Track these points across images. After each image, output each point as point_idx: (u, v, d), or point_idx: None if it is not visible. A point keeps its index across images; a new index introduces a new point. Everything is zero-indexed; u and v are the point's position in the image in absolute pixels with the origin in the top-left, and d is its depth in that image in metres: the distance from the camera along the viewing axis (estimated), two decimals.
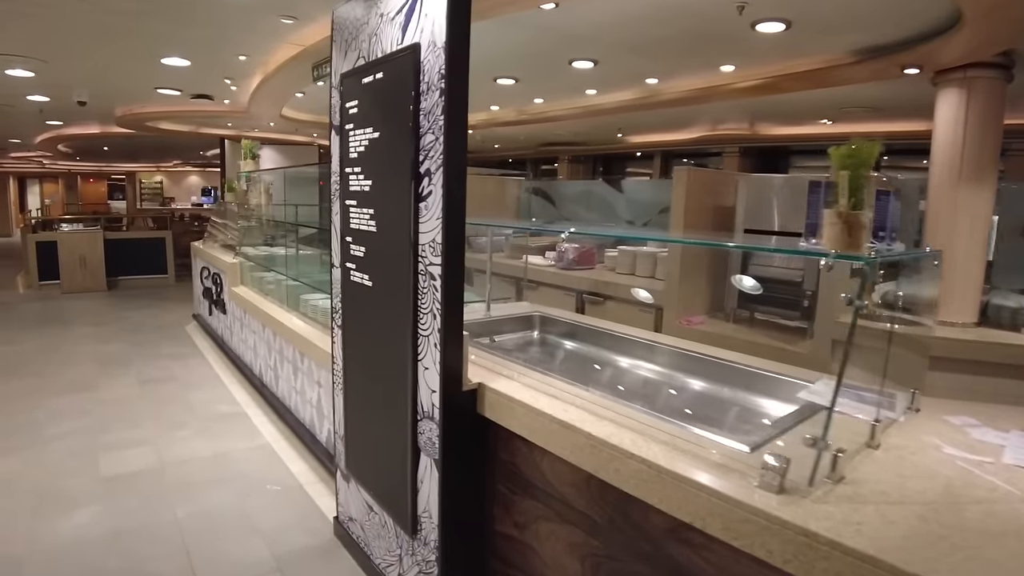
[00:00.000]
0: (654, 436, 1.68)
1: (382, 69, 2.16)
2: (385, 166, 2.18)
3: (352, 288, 2.49)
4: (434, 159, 1.93)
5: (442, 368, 2.00)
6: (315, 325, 3.91)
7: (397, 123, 2.09)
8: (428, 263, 2.01)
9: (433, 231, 1.97)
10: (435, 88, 1.90)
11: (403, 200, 2.07)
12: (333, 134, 2.59)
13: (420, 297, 2.06)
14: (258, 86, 6.01)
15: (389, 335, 2.25)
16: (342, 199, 2.50)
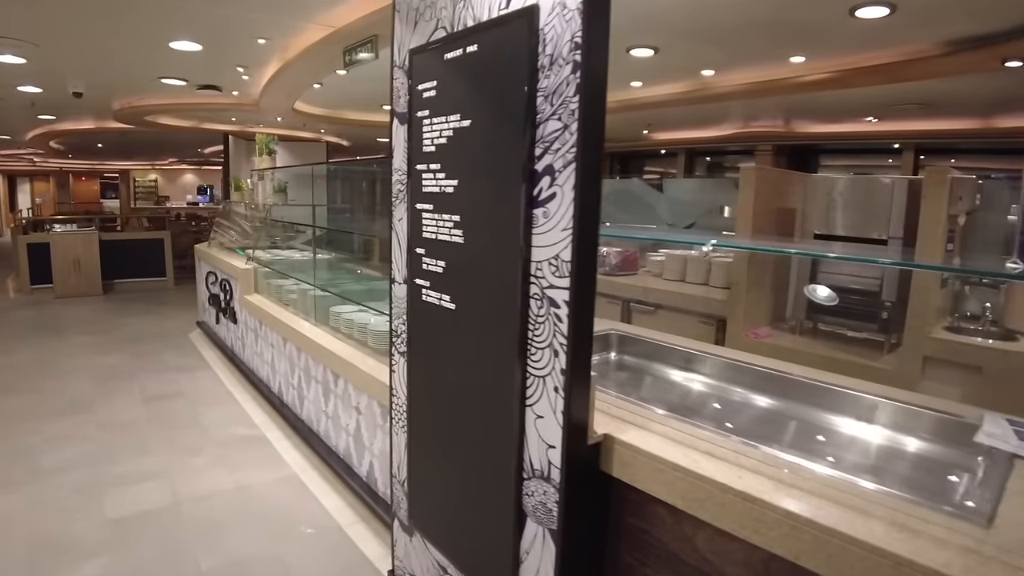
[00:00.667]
0: (866, 510, 1.31)
1: (476, 41, 1.72)
2: (479, 162, 1.76)
3: (424, 310, 2.05)
4: (560, 154, 1.51)
5: (566, 418, 1.58)
6: (350, 342, 3.48)
7: (499, 108, 1.66)
8: (547, 285, 1.59)
9: (555, 245, 1.55)
10: (563, 62, 1.48)
11: (508, 205, 1.65)
12: (396, 124, 2.16)
13: (533, 327, 1.64)
14: (274, 75, 5.55)
15: (481, 372, 1.82)
16: (410, 202, 2.07)
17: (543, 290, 1.59)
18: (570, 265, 1.52)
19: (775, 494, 1.38)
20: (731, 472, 1.48)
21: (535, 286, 1.62)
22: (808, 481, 1.44)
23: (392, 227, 2.23)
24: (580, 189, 1.48)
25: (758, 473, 1.48)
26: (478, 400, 1.85)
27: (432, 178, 1.95)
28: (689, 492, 1.51)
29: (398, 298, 2.24)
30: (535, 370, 1.65)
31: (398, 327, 2.26)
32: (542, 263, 1.59)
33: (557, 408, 1.59)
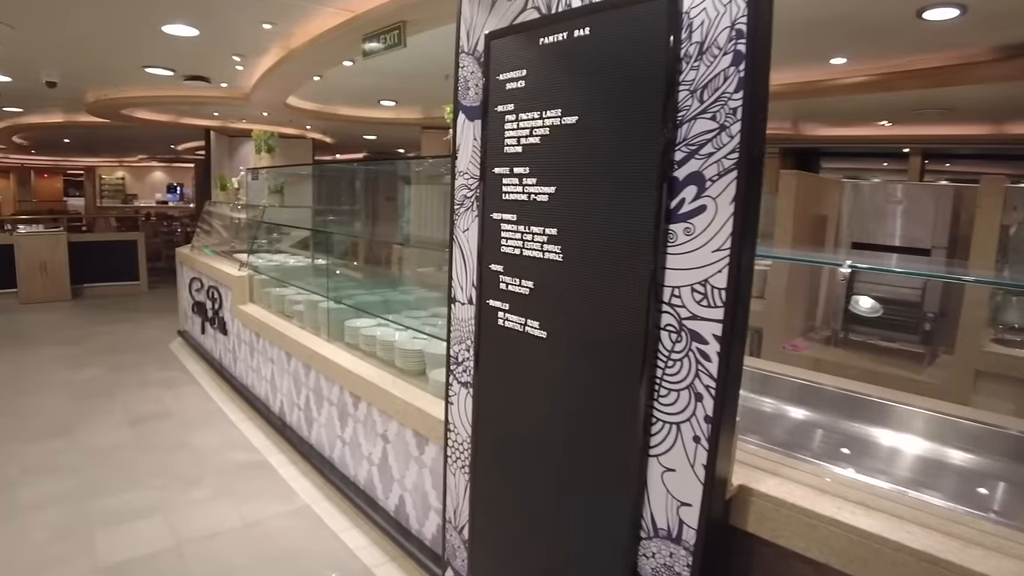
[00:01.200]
0: None
1: (588, 24, 1.44)
2: (588, 166, 1.48)
3: (501, 337, 1.76)
4: (713, 160, 1.26)
5: (709, 473, 1.33)
6: (371, 361, 3.16)
7: (621, 103, 1.39)
8: (687, 316, 1.33)
9: (703, 268, 1.30)
10: (719, 51, 1.23)
11: (632, 218, 1.38)
12: (462, 120, 1.86)
13: (664, 365, 1.38)
14: (274, 66, 5.15)
15: (582, 414, 1.54)
16: (483, 211, 1.78)
17: (681, 321, 1.34)
18: (724, 294, 1.27)
19: (963, 555, 1.20)
20: (898, 527, 1.29)
21: (669, 316, 1.36)
22: (991, 537, 1.25)
23: (454, 239, 1.93)
24: (742, 203, 1.23)
25: (928, 527, 1.29)
26: (577, 447, 1.57)
27: (516, 183, 1.66)
28: (849, 550, 1.31)
29: (460, 320, 1.94)
30: (665, 415, 1.39)
31: (459, 353, 1.96)
32: (681, 289, 1.33)
33: (697, 460, 1.34)
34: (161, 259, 10.53)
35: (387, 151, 14.88)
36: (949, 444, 1.91)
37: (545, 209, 1.59)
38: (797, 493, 1.43)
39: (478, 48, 1.78)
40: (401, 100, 7.52)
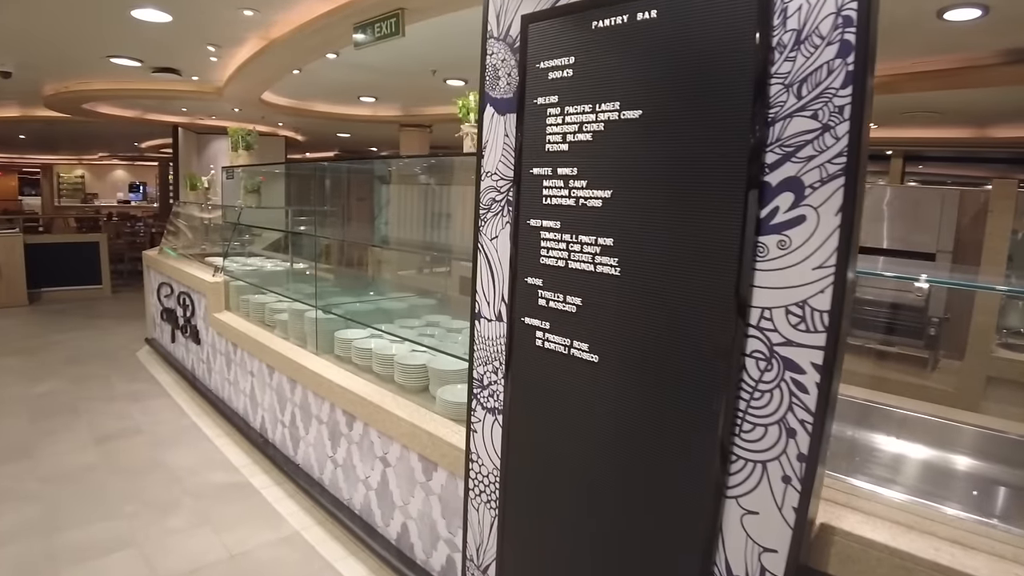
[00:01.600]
0: None
1: (654, 6, 1.27)
2: (654, 167, 1.29)
3: (540, 359, 1.56)
4: (814, 164, 1.10)
5: (799, 515, 1.17)
6: (366, 376, 2.93)
7: (697, 96, 1.22)
8: (779, 341, 1.17)
9: (802, 288, 1.14)
10: (820, 41, 1.08)
11: (712, 228, 1.21)
12: (491, 114, 1.65)
13: (752, 396, 1.21)
14: (252, 57, 4.83)
15: (642, 448, 1.36)
16: (519, 217, 1.57)
17: (771, 347, 1.18)
18: (827, 317, 1.11)
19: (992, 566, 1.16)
20: (1004, 570, 1.17)
21: (757, 341, 1.19)
22: None
23: (479, 247, 1.72)
24: (848, 213, 1.08)
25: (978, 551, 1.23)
26: (632, 485, 1.40)
27: (561, 186, 1.46)
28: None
29: (486, 339, 1.73)
30: (748, 452, 1.23)
31: (485, 376, 1.75)
32: (773, 310, 1.17)
33: (786, 502, 1.18)
34: (125, 261, 10.00)
35: (359, 150, 14.53)
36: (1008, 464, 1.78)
37: (598, 215, 1.40)
38: (884, 531, 1.29)
39: (510, 33, 1.57)
40: (382, 96, 7.24)
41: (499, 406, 1.72)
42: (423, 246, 5.54)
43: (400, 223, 5.76)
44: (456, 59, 5.03)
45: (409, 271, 5.80)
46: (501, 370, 1.70)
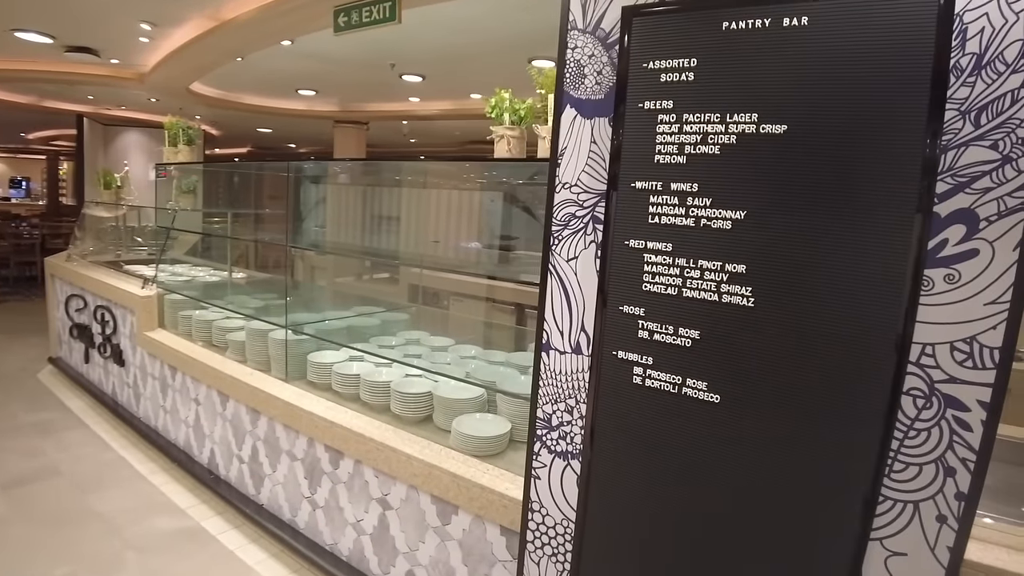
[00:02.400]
0: None
1: (805, 12, 1.14)
2: (803, 188, 1.18)
3: (637, 398, 1.39)
4: (991, 196, 1.06)
5: (953, 556, 1.13)
6: (352, 406, 2.62)
7: (859, 115, 1.14)
8: (942, 378, 1.12)
9: (970, 324, 1.09)
10: (1006, 68, 1.04)
11: (873, 258, 1.15)
12: (571, 116, 1.46)
13: (906, 435, 1.16)
14: (192, 41, 4.29)
15: (772, 498, 1.25)
16: (613, 235, 1.39)
17: (932, 385, 1.13)
18: (997, 354, 1.07)
19: None
20: None
21: (917, 378, 1.14)
22: None
23: (551, 269, 1.52)
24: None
25: None
26: (759, 538, 1.25)
27: (676, 204, 1.29)
28: None
29: (558, 373, 1.53)
30: (897, 492, 1.17)
31: (555, 415, 1.54)
32: (936, 347, 1.12)
33: (940, 542, 1.14)
34: (10, 266, 8.80)
35: (277, 146, 13.73)
36: None
37: (727, 239, 1.24)
38: (1007, 557, 1.29)
39: (602, 25, 1.39)
40: (323, 90, 6.78)
41: (574, 450, 1.52)
42: (389, 255, 5.21)
43: (354, 228, 5.39)
44: (418, 53, 4.76)
45: (345, 276, 5.45)
46: (579, 409, 1.50)
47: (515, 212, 5.82)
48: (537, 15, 4.00)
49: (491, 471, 2.06)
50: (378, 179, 5.27)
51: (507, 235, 5.68)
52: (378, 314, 3.58)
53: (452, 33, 4.40)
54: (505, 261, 5.27)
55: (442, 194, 5.27)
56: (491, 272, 4.71)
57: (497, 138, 2.10)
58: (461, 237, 5.31)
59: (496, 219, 5.75)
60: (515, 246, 5.64)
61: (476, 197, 5.41)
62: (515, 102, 2.10)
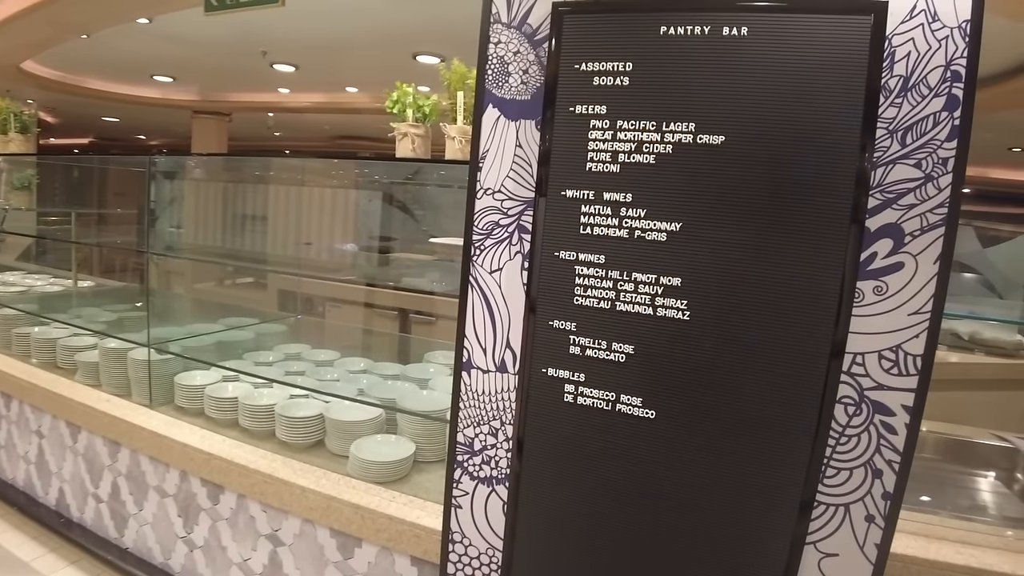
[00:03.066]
0: None
1: (745, 23, 1.13)
2: (740, 201, 1.17)
3: (568, 417, 1.33)
4: (915, 212, 1.11)
5: (880, 551, 1.19)
6: (229, 432, 2.36)
7: (795, 129, 1.14)
8: (871, 386, 1.16)
9: (896, 333, 1.14)
10: (928, 92, 1.09)
11: (807, 272, 1.16)
12: (494, 116, 1.37)
13: (838, 442, 1.19)
14: (24, 11, 3.60)
15: (710, 512, 1.25)
16: (542, 246, 1.31)
17: (862, 392, 1.17)
18: (920, 360, 1.13)
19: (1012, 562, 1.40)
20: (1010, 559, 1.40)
21: (848, 387, 1.17)
22: None
23: (472, 281, 1.42)
24: (945, 261, 1.11)
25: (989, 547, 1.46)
26: (699, 550, 1.26)
27: (609, 214, 1.25)
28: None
29: (481, 394, 1.44)
30: (830, 496, 1.21)
31: (477, 439, 1.45)
32: (866, 356, 1.16)
33: (868, 540, 1.19)
34: None
35: (124, 138, 12.34)
36: None
37: (661, 251, 1.21)
38: (918, 546, 1.43)
39: (529, 21, 1.31)
40: (182, 77, 6.11)
41: (499, 475, 1.43)
42: (257, 258, 4.78)
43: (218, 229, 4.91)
44: (292, 41, 4.42)
45: (206, 283, 4.98)
46: (504, 432, 1.41)
47: (394, 212, 5.61)
48: (422, 10, 3.86)
49: (398, 498, 1.91)
50: (244, 175, 4.85)
51: (386, 236, 5.45)
52: (252, 326, 3.25)
53: (330, 22, 4.13)
54: (385, 264, 5.06)
55: (314, 192, 4.95)
56: (370, 276, 4.49)
57: (399, 136, 1.95)
58: (336, 238, 5.02)
59: (374, 219, 5.50)
60: (394, 247, 5.43)
61: (352, 196, 5.14)
62: (419, 97, 1.96)
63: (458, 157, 1.86)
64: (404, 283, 4.50)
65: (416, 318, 4.54)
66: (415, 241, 5.12)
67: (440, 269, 4.24)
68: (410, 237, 5.35)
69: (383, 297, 4.62)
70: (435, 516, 1.79)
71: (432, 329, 4.41)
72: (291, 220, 4.93)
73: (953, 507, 1.78)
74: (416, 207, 5.59)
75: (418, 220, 5.54)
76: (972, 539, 1.45)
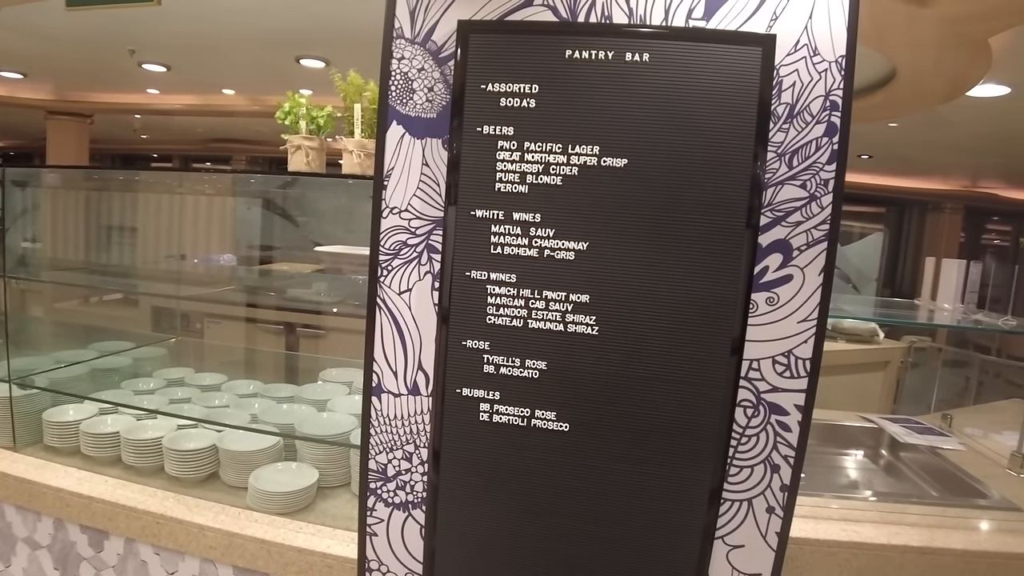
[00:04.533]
0: None
1: (646, 49, 1.17)
2: (643, 221, 1.23)
3: (488, 437, 1.33)
4: (802, 229, 1.21)
5: (781, 538, 1.29)
6: (111, 472, 2.14)
7: (694, 152, 1.20)
8: (767, 389, 1.25)
9: (788, 339, 1.24)
10: (811, 119, 1.19)
11: (709, 286, 1.22)
12: (399, 133, 1.35)
13: (739, 442, 1.27)
14: None
15: (623, 518, 1.31)
16: (453, 266, 1.31)
17: (759, 395, 1.26)
18: (809, 363, 1.24)
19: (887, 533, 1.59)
20: (887, 532, 1.59)
21: (747, 391, 1.26)
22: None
23: (382, 303, 1.39)
24: (828, 272, 1.22)
25: (915, 525, 1.64)
26: (616, 554, 1.32)
27: (519, 234, 1.26)
28: (869, 563, 1.54)
29: (393, 419, 1.41)
30: (734, 493, 1.29)
31: (391, 465, 1.42)
32: (761, 361, 1.25)
33: (770, 530, 1.29)
34: None
35: None
36: None
37: (570, 269, 1.24)
38: (807, 527, 1.57)
39: (433, 38, 1.29)
40: (34, 73, 5.46)
41: (415, 499, 1.40)
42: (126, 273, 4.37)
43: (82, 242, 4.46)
44: (164, 39, 4.09)
45: (68, 302, 4.52)
46: (419, 455, 1.38)
47: (275, 219, 5.33)
48: (307, 12, 3.72)
49: (305, 528, 1.81)
50: (110, 183, 4.44)
51: (267, 245, 5.18)
52: (127, 352, 2.97)
53: (209, 23, 3.87)
54: (267, 275, 4.82)
55: (188, 200, 4.61)
56: (252, 289, 4.27)
57: (292, 148, 1.85)
58: (213, 250, 4.71)
59: (254, 228, 5.21)
60: (277, 257, 5.16)
61: (229, 203, 4.84)
62: (311, 108, 1.88)
63: (356, 171, 1.80)
64: (289, 296, 4.30)
65: (304, 332, 4.33)
66: (299, 250, 4.90)
67: (327, 280, 4.08)
68: (293, 246, 5.11)
69: (267, 312, 4.35)
70: (345, 544, 1.72)
71: (322, 344, 4.22)
72: (162, 231, 4.56)
73: (832, 487, 1.96)
74: (298, 213, 5.32)
75: (301, 227, 5.28)
76: (852, 516, 1.61)
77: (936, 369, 2.98)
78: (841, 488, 2.03)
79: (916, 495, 1.91)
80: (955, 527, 1.62)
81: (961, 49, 3.24)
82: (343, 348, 3.93)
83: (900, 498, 1.81)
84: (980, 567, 1.53)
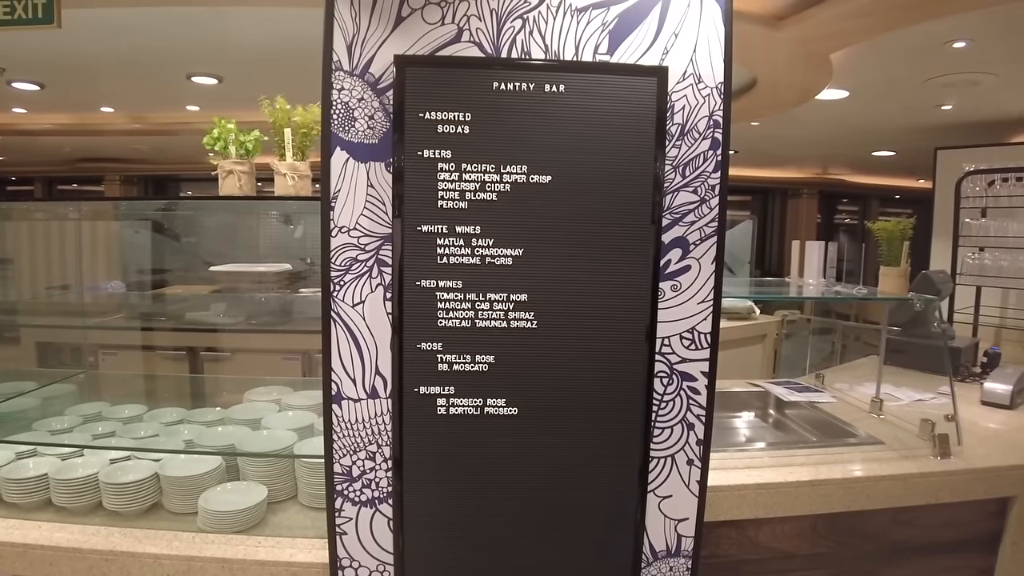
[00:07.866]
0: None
1: (562, 81, 1.38)
2: (567, 228, 1.45)
3: (442, 428, 1.49)
4: (696, 227, 1.47)
5: (701, 485, 1.56)
6: (40, 517, 2.06)
7: (606, 169, 1.43)
8: (677, 360, 1.50)
9: (691, 318, 1.50)
10: (699, 136, 1.44)
11: (625, 280, 1.45)
12: (344, 158, 1.46)
13: (659, 407, 1.51)
14: None
15: (565, 482, 1.52)
16: (403, 278, 1.45)
17: (672, 367, 1.51)
18: (709, 336, 1.50)
19: (783, 473, 1.91)
20: (784, 474, 1.91)
21: (661, 364, 1.51)
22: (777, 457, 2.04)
23: (336, 316, 1.50)
24: (719, 261, 1.49)
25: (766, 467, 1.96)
26: (569, 515, 1.53)
27: (462, 245, 1.43)
28: (761, 500, 1.85)
29: (354, 423, 1.53)
30: (659, 451, 1.54)
31: (356, 466, 1.54)
32: (671, 338, 1.51)
33: (691, 479, 1.55)
34: None
35: None
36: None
37: (509, 273, 1.43)
38: (719, 477, 1.86)
39: (371, 70, 1.42)
40: None
41: (381, 495, 1.53)
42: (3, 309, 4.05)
43: None
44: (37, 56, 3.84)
45: None
46: (382, 453, 1.51)
47: (165, 241, 5.11)
48: (198, 31, 3.65)
49: (265, 543, 1.86)
50: None
51: (159, 268, 4.96)
52: (33, 392, 2.82)
53: (91, 40, 3.69)
54: (161, 300, 4.64)
55: (67, 226, 4.34)
56: (146, 315, 4.10)
57: (224, 173, 1.90)
58: (99, 277, 4.47)
59: (143, 252, 4.97)
60: (170, 280, 4.96)
61: (113, 228, 4.60)
62: (240, 134, 1.93)
63: (291, 193, 1.88)
64: (188, 319, 4.19)
65: (208, 356, 4.21)
66: (192, 271, 4.74)
67: (226, 300, 4.01)
68: (186, 267, 4.92)
69: (165, 337, 4.17)
70: (307, 551, 1.79)
71: (228, 365, 4.13)
72: (42, 261, 4.26)
73: (734, 443, 2.28)
74: (188, 234, 5.10)
75: (192, 249, 5.07)
76: (753, 463, 1.92)
77: (807, 337, 3.44)
78: (742, 443, 2.36)
79: (801, 441, 2.26)
80: (834, 462, 1.97)
81: (808, 62, 3.82)
82: (250, 368, 3.87)
83: (789, 445, 2.16)
84: (856, 489, 1.89)
